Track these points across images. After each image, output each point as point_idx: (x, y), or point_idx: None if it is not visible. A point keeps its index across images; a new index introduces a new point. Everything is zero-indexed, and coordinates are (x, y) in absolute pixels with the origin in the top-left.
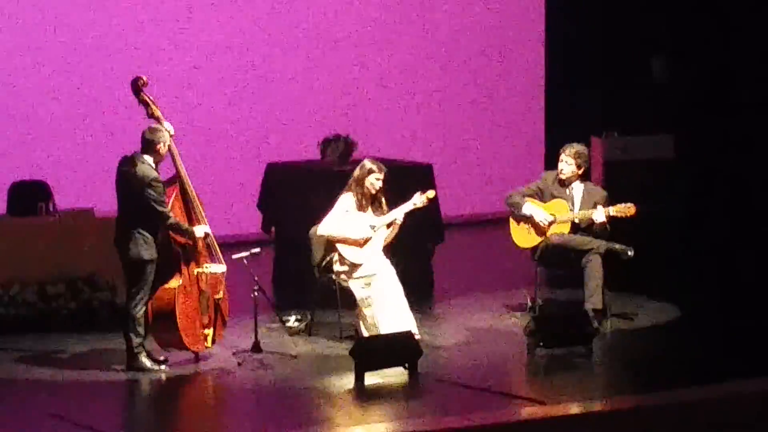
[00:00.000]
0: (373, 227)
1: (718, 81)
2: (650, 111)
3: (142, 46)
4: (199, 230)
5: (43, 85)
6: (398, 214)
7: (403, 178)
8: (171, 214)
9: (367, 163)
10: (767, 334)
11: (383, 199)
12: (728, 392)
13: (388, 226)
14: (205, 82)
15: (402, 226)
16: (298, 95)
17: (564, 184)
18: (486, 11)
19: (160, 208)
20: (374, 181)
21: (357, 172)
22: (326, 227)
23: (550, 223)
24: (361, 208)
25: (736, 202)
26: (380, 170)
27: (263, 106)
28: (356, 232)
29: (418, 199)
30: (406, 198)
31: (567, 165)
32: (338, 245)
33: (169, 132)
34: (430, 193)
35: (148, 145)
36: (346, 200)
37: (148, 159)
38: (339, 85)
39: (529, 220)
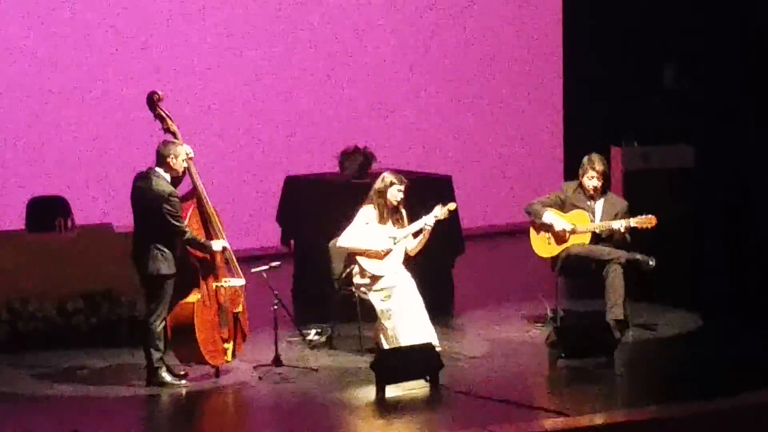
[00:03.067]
0: (393, 239)
1: (737, 90)
2: (670, 120)
3: (160, 60)
4: (217, 245)
5: (61, 102)
6: (420, 225)
7: (423, 190)
8: (187, 229)
9: (388, 176)
10: None
11: (404, 212)
12: (752, 403)
13: (415, 235)
14: (224, 95)
15: (431, 233)
16: (317, 108)
17: (591, 197)
18: (503, 22)
19: (176, 223)
20: (396, 193)
21: (378, 184)
22: (346, 239)
23: (571, 233)
24: (381, 220)
25: (757, 212)
26: (401, 182)
27: (282, 119)
28: (377, 244)
29: (440, 212)
30: (425, 210)
31: (597, 181)
32: (358, 257)
33: (187, 152)
34: (451, 206)
35: (161, 159)
36: (367, 212)
37: (163, 173)
38: (357, 98)
39: (549, 229)
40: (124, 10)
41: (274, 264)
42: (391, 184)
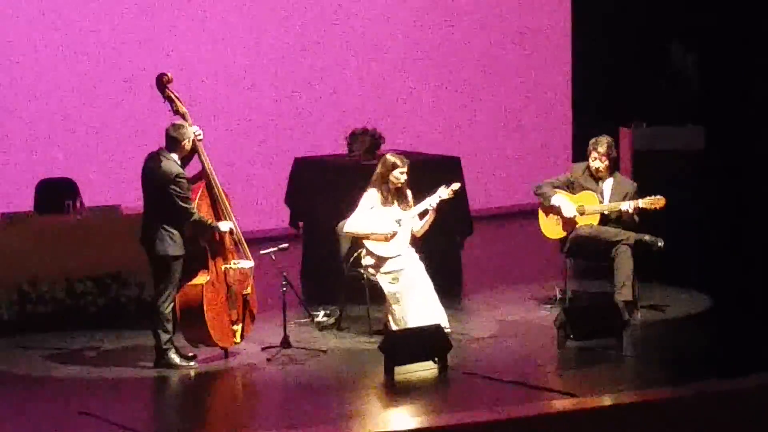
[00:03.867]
0: (398, 222)
1: (747, 72)
2: (679, 102)
3: (167, 42)
4: (224, 225)
5: (70, 84)
6: (424, 206)
7: (431, 171)
8: (195, 211)
9: (390, 158)
10: None
11: (409, 193)
12: (761, 384)
13: (421, 217)
14: (232, 77)
15: (435, 213)
16: (325, 90)
17: (598, 178)
18: (513, 3)
19: (184, 205)
20: (398, 175)
21: (380, 167)
22: (351, 225)
23: (580, 214)
24: (386, 203)
25: (766, 194)
26: (403, 163)
27: (290, 101)
28: (382, 228)
29: (444, 192)
30: (434, 192)
31: (600, 162)
32: (365, 241)
33: (195, 133)
34: (456, 186)
35: (172, 142)
36: (371, 196)
37: (173, 156)
38: (366, 80)
39: (557, 211)
40: None
41: (282, 246)
42: (394, 166)
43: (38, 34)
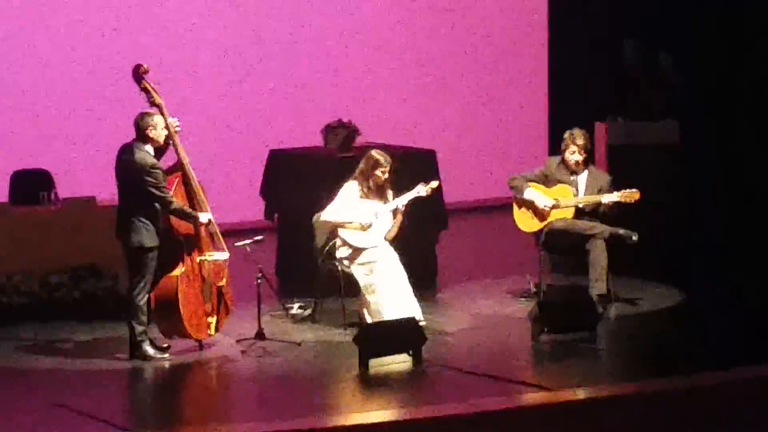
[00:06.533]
0: (376, 214)
1: (723, 68)
2: (655, 96)
3: (142, 33)
4: (203, 216)
5: (44, 74)
6: (400, 202)
7: (407, 164)
8: (173, 198)
9: (374, 154)
10: None
11: (390, 193)
12: (733, 378)
13: (393, 215)
14: (207, 69)
15: (406, 214)
16: (300, 82)
17: (573, 172)
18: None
19: (161, 194)
20: (380, 174)
21: (363, 163)
22: (329, 213)
23: (552, 208)
24: (365, 196)
25: (740, 188)
26: (386, 162)
27: (265, 93)
28: (359, 218)
29: (422, 189)
30: (409, 184)
31: (579, 155)
32: (340, 230)
33: (173, 125)
34: (434, 184)
35: (139, 131)
36: (351, 188)
37: (147, 147)
38: (341, 72)
39: (531, 204)
40: None
41: (257, 238)
42: (376, 164)
43: (9, 26)
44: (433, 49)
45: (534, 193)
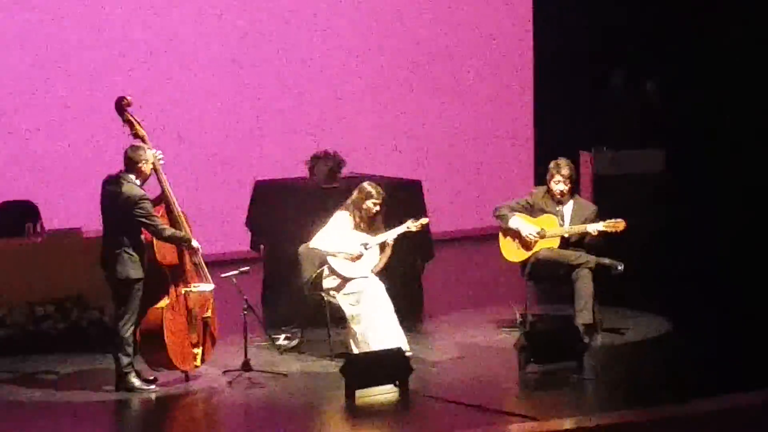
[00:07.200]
0: (365, 245)
1: (708, 97)
2: (640, 125)
3: (129, 64)
4: (194, 242)
5: (30, 105)
6: (390, 236)
7: (393, 194)
8: (165, 227)
9: (366, 186)
10: (759, 348)
11: (380, 224)
12: (720, 406)
13: (381, 248)
14: (192, 100)
15: (392, 246)
16: (286, 113)
17: (559, 202)
18: (474, 27)
19: (153, 223)
20: (371, 205)
21: (355, 194)
22: (319, 241)
23: (538, 237)
24: (356, 227)
25: (726, 216)
26: (378, 195)
27: (251, 124)
28: (348, 248)
29: (412, 225)
30: (395, 215)
31: (564, 185)
32: (329, 258)
33: (156, 156)
34: (424, 220)
35: (131, 164)
36: (343, 217)
37: (133, 178)
38: (327, 102)
39: (516, 234)
40: (91, 15)
41: (243, 269)
42: (368, 196)
43: None
44: (419, 81)
45: (519, 221)
